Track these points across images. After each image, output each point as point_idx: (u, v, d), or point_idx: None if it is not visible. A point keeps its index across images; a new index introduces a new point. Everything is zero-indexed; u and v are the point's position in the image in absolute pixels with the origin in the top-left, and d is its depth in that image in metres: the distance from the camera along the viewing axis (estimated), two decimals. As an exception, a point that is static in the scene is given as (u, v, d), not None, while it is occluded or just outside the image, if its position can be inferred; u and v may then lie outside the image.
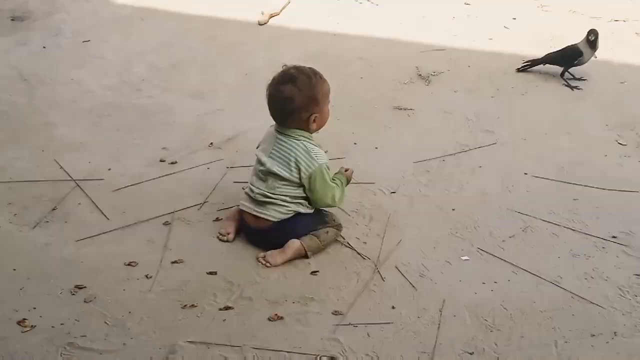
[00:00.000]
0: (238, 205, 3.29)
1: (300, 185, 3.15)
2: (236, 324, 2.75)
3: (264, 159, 3.17)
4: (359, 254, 3.13)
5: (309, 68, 3.22)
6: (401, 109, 4.36)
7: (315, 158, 3.13)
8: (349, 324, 2.75)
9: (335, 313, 2.80)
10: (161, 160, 3.82)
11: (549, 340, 2.69)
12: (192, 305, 2.83)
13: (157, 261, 3.08)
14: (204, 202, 3.47)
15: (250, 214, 3.19)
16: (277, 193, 3.15)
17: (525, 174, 3.71)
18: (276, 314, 2.78)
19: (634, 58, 5.00)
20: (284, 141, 3.17)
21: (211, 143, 3.98)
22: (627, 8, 5.67)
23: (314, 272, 3.02)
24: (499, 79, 4.72)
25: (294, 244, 3.11)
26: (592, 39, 4.51)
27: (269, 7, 5.67)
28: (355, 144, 3.98)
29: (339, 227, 3.23)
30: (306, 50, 5.16)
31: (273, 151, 3.17)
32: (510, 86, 4.66)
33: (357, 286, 2.95)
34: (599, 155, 3.90)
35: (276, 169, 3.14)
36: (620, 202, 3.47)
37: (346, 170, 3.34)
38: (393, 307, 2.84)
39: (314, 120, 3.16)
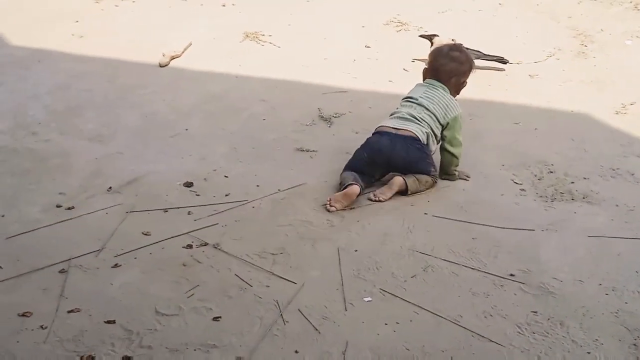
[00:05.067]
0: (352, 184, 3.81)
1: (440, 124, 4.04)
2: (135, 374, 2.68)
3: (416, 96, 4.08)
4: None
5: None
6: (303, 150, 4.39)
7: (458, 106, 4.09)
8: (252, 370, 2.72)
9: (238, 359, 2.76)
10: (57, 206, 3.72)
11: (450, 379, 2.72)
12: (89, 356, 2.74)
13: (53, 311, 2.98)
14: (102, 249, 3.38)
15: (390, 127, 4.00)
16: (423, 119, 4.00)
17: (426, 214, 3.76)
18: (177, 363, 2.72)
19: (527, 99, 5.17)
20: (435, 90, 4.10)
21: (110, 187, 3.90)
22: (520, 50, 5.87)
23: (216, 318, 2.97)
24: (399, 120, 4.79)
25: (398, 180, 3.89)
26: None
27: (170, 48, 5.63)
28: (258, 186, 3.96)
29: (436, 180, 4.00)
30: (208, 91, 5.15)
31: (424, 94, 4.09)
32: (410, 127, 4.74)
33: (259, 331, 2.91)
34: (496, 194, 3.99)
35: (426, 103, 4.04)
36: (517, 241, 3.55)
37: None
38: (296, 352, 2.81)
39: (461, 86, 4.20)
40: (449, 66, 4.13)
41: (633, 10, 6.66)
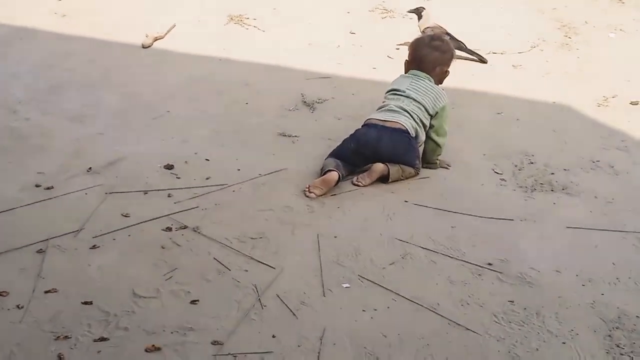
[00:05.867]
0: (331, 170, 3.79)
1: (429, 114, 4.04)
2: (111, 356, 2.67)
3: (402, 88, 4.06)
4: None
5: None
6: (285, 135, 4.38)
7: (446, 96, 4.10)
8: (228, 354, 2.71)
9: (215, 343, 2.76)
10: (36, 185, 3.69)
11: (426, 367, 2.73)
12: (66, 336, 2.73)
13: (30, 291, 2.96)
14: (81, 229, 3.36)
15: (378, 119, 3.98)
16: (412, 110, 3.98)
17: (406, 201, 3.77)
18: (153, 345, 2.71)
19: (510, 90, 5.18)
20: (421, 80, 4.09)
21: (90, 168, 3.88)
22: (505, 41, 5.89)
23: (193, 301, 2.97)
24: (382, 108, 4.79)
25: (379, 166, 3.89)
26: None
27: (154, 29, 5.60)
28: (239, 170, 3.95)
29: (418, 172, 4.01)
30: (191, 74, 5.13)
31: (410, 86, 4.07)
32: (392, 115, 4.74)
33: (237, 315, 2.91)
34: (476, 184, 4.00)
35: (413, 94, 4.02)
36: (496, 230, 3.57)
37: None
38: (273, 336, 2.82)
39: (445, 75, 4.19)
40: (432, 55, 4.13)
41: (617, 4, 6.70)
